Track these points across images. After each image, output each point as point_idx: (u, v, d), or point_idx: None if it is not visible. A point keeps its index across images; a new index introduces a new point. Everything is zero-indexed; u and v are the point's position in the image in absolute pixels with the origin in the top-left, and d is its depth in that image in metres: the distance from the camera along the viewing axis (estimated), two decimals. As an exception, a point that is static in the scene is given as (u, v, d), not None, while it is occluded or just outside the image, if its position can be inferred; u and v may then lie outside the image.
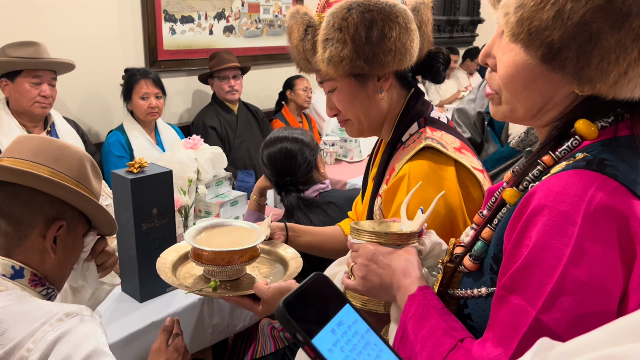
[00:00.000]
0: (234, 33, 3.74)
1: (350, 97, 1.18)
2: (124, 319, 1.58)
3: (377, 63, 1.08)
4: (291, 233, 1.44)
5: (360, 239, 0.90)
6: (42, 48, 2.43)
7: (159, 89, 2.85)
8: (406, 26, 1.07)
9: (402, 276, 0.83)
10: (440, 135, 1.15)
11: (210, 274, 1.22)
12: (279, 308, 0.49)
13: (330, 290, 0.54)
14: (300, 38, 1.15)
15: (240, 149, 3.40)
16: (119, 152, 2.77)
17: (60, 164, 1.05)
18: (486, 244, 0.77)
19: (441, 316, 0.77)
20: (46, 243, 1.04)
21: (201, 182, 2.19)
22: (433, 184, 1.08)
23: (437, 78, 1.23)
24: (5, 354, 0.88)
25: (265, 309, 1.17)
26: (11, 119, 2.44)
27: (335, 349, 0.49)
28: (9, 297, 0.96)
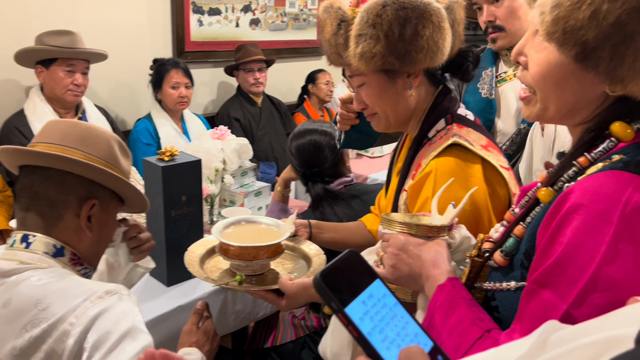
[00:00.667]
0: (259, 26, 3.78)
1: (379, 92, 1.19)
2: (151, 302, 1.63)
3: (409, 60, 1.10)
4: (314, 230, 1.47)
5: (392, 229, 0.93)
6: (77, 38, 2.49)
7: (189, 79, 2.90)
8: (439, 25, 1.09)
9: (432, 267, 0.86)
10: (468, 133, 1.17)
11: (236, 268, 1.26)
12: (316, 278, 0.54)
13: (362, 266, 0.58)
14: (333, 32, 1.16)
15: (263, 141, 3.44)
16: (146, 140, 2.83)
17: (88, 146, 1.09)
18: (518, 241, 0.79)
19: (469, 307, 0.79)
20: (81, 222, 1.08)
21: (227, 172, 2.23)
22: (460, 181, 1.09)
23: (467, 76, 1.25)
24: (49, 327, 0.93)
25: (289, 304, 1.20)
26: (45, 104, 2.51)
27: (366, 318, 0.53)
28: (51, 274, 1.00)
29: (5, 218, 2.38)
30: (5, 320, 0.95)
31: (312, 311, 1.96)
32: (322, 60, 4.08)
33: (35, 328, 0.93)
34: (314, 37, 4.17)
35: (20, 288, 0.97)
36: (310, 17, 4.11)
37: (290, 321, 1.98)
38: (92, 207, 1.09)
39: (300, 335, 1.93)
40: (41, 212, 1.07)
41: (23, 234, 1.05)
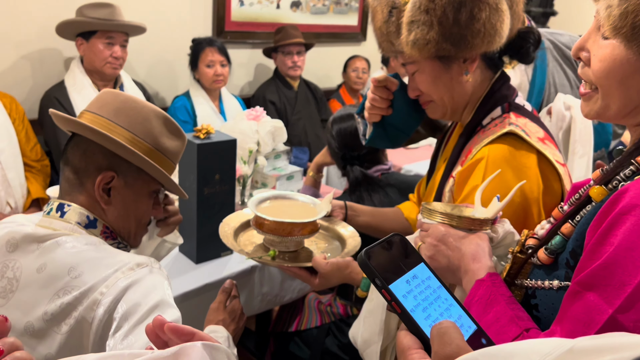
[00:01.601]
0: (300, 9, 3.74)
1: (433, 79, 1.16)
2: (179, 278, 1.64)
3: (465, 45, 1.06)
4: (350, 212, 1.45)
5: (432, 219, 0.90)
6: (116, 10, 2.51)
7: (224, 57, 2.91)
8: (496, 7, 1.04)
9: (471, 260, 0.83)
10: (525, 123, 1.12)
11: (270, 243, 1.25)
12: (360, 256, 0.56)
13: (408, 248, 0.60)
14: (384, 20, 1.13)
15: (297, 125, 3.42)
16: (183, 117, 2.85)
17: (120, 117, 1.06)
18: (564, 239, 0.76)
19: (508, 304, 0.76)
20: (95, 191, 1.05)
21: (261, 153, 2.22)
22: (513, 169, 1.05)
23: (526, 59, 1.20)
24: (80, 294, 0.93)
25: (322, 283, 1.19)
26: (84, 77, 2.54)
27: (409, 297, 0.56)
28: (84, 242, 1.01)
29: (42, 187, 2.43)
30: (39, 285, 0.96)
31: (338, 298, 1.94)
32: (361, 46, 4.04)
33: (67, 295, 0.93)
34: (355, 23, 4.11)
35: (55, 254, 0.98)
36: (352, 1, 4.05)
37: (316, 307, 1.96)
38: (112, 179, 1.06)
39: (326, 322, 1.92)
40: (67, 178, 1.07)
41: (59, 203, 1.06)
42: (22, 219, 1.11)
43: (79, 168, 1.05)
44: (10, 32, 2.57)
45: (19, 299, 0.97)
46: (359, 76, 3.81)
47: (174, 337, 0.48)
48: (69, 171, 1.06)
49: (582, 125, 1.62)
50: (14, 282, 0.98)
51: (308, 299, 2.01)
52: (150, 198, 1.14)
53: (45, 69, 2.72)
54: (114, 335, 0.89)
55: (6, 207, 2.26)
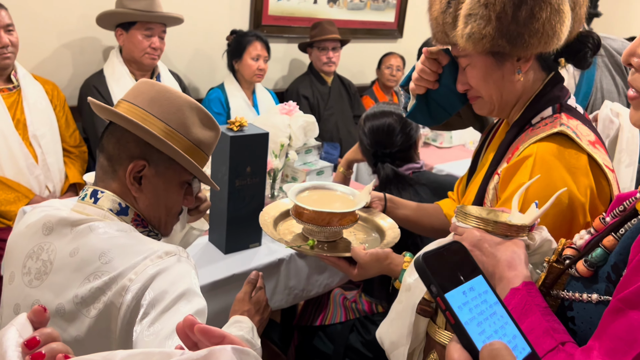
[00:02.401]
0: (337, 4, 3.73)
1: (484, 75, 1.14)
2: (208, 267, 1.66)
3: (521, 44, 1.03)
4: (389, 204, 1.44)
5: (467, 223, 0.88)
6: (155, 2, 2.55)
7: (267, 53, 2.94)
8: (558, 7, 1.01)
9: (507, 268, 0.80)
10: (576, 125, 1.09)
11: (309, 232, 1.27)
12: (418, 259, 0.55)
13: (467, 259, 0.58)
14: (442, 10, 1.11)
15: (329, 121, 3.42)
16: (217, 109, 2.88)
17: (154, 107, 1.07)
18: (606, 252, 0.73)
19: (544, 315, 0.74)
20: (126, 179, 1.07)
21: (292, 148, 2.22)
22: (562, 169, 1.02)
23: (582, 63, 1.16)
24: (109, 280, 0.96)
25: (361, 273, 1.19)
26: (122, 66, 2.60)
27: (464, 308, 0.53)
28: (115, 228, 1.03)
29: (79, 172, 2.50)
30: (72, 269, 0.98)
31: (364, 294, 1.94)
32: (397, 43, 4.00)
33: (97, 279, 0.96)
34: (392, 19, 4.08)
35: (87, 239, 1.00)
36: (390, -2, 4.01)
37: (342, 302, 1.97)
38: (143, 168, 1.07)
39: (350, 318, 1.92)
40: (102, 165, 1.09)
41: (93, 189, 1.08)
42: (58, 204, 1.14)
43: (112, 155, 1.07)
44: (53, 21, 2.64)
45: (52, 281, 0.99)
46: (393, 73, 3.77)
47: (204, 339, 0.48)
48: (104, 158, 1.09)
49: (629, 134, 1.57)
50: (48, 264, 1.01)
51: (333, 294, 2.01)
52: (181, 188, 1.14)
53: (85, 58, 2.79)
54: (141, 322, 0.91)
55: (45, 191, 2.34)
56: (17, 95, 2.28)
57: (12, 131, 2.21)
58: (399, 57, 3.80)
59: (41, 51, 2.65)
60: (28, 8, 2.53)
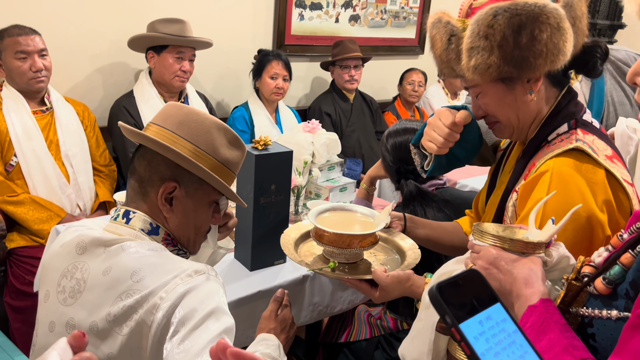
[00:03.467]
0: (359, 22, 3.78)
1: (497, 101, 1.15)
2: (234, 284, 1.68)
3: (527, 66, 1.05)
4: (409, 224, 1.45)
5: (484, 241, 0.89)
6: (187, 26, 2.62)
7: (288, 72, 2.99)
8: (558, 26, 1.02)
9: (524, 285, 0.81)
10: (592, 140, 1.10)
11: (330, 254, 1.28)
12: (432, 290, 0.54)
13: (483, 287, 0.57)
14: (444, 48, 1.13)
15: (352, 137, 3.44)
16: (241, 127, 2.94)
17: (183, 129, 1.10)
18: (624, 270, 0.73)
19: (562, 332, 0.74)
20: (158, 201, 1.10)
21: (315, 165, 2.25)
22: (579, 184, 1.03)
23: (593, 73, 1.17)
24: (141, 298, 0.98)
25: (382, 295, 1.20)
26: (152, 88, 2.67)
27: (481, 339, 0.52)
28: (147, 247, 1.06)
29: (109, 191, 2.56)
30: (105, 288, 1.02)
31: (389, 311, 1.94)
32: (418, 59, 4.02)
33: (129, 298, 0.99)
34: (413, 36, 4.10)
35: (119, 258, 1.03)
36: (411, 15, 4.05)
37: (366, 319, 1.97)
38: (174, 189, 1.10)
39: (375, 335, 1.91)
40: (133, 187, 1.13)
41: (125, 210, 1.12)
42: (91, 224, 1.18)
43: (143, 177, 1.11)
44: (85, 46, 2.74)
45: (85, 299, 1.03)
46: (415, 89, 3.78)
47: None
48: (135, 180, 1.12)
49: None
50: (82, 283, 1.05)
51: (358, 310, 2.01)
52: (210, 207, 1.18)
53: (115, 80, 2.88)
54: (171, 339, 0.94)
55: (76, 209, 2.41)
56: (50, 117, 2.37)
57: (46, 152, 2.29)
58: (420, 73, 3.82)
59: (73, 74, 2.75)
60: (61, 34, 2.63)
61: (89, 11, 2.68)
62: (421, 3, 4.07)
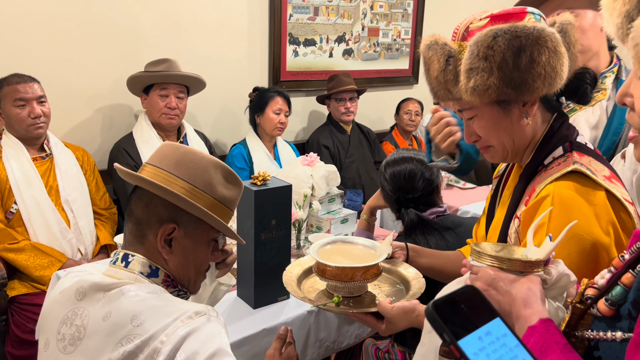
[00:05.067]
0: (352, 56, 3.84)
1: (493, 124, 1.15)
2: (238, 323, 1.66)
3: (526, 89, 1.06)
4: (412, 253, 1.43)
5: (481, 261, 0.87)
6: (173, 64, 2.66)
7: (288, 108, 3.03)
8: (555, 49, 1.04)
9: (523, 306, 0.79)
10: (589, 161, 1.10)
11: (333, 289, 1.26)
12: (428, 308, 0.53)
13: (481, 302, 0.57)
14: (442, 69, 1.13)
15: (351, 168, 3.46)
16: (240, 164, 2.95)
17: (179, 169, 1.10)
18: (626, 290, 0.72)
19: (564, 352, 0.72)
20: (157, 243, 1.09)
21: (315, 198, 2.25)
22: (581, 207, 1.02)
23: (584, 99, 1.18)
24: (141, 343, 0.97)
25: (389, 328, 1.17)
26: (151, 129, 2.70)
27: (481, 355, 0.52)
28: (146, 290, 1.05)
29: (110, 234, 2.55)
30: (105, 333, 1.00)
31: (397, 344, 1.90)
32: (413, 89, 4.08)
33: (129, 343, 0.97)
34: (406, 67, 4.16)
35: (119, 303, 1.02)
36: (403, 46, 4.11)
37: (374, 353, 1.93)
38: (173, 231, 1.09)
39: (384, 369, 1.87)
40: (130, 230, 1.12)
41: (124, 253, 1.11)
42: (90, 268, 1.17)
43: (141, 220, 1.10)
44: (83, 90, 2.78)
45: (86, 346, 1.01)
46: (412, 118, 3.82)
47: None
48: (132, 223, 1.12)
49: None
50: (82, 329, 1.03)
51: (365, 344, 1.98)
52: (209, 246, 1.17)
53: (114, 123, 2.91)
54: (174, 383, 0.92)
55: (77, 254, 2.39)
56: (50, 163, 2.38)
57: (45, 197, 2.30)
58: (416, 102, 3.86)
59: (72, 118, 2.78)
60: (59, 79, 2.67)
61: (86, 56, 2.73)
62: (413, 34, 4.14)
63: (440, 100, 1.20)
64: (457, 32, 1.15)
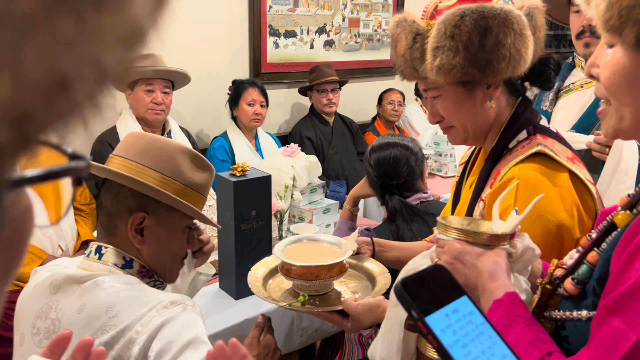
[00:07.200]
0: (333, 47, 3.83)
1: (456, 105, 1.15)
2: (220, 314, 1.66)
3: (490, 70, 1.06)
4: (378, 248, 1.44)
5: (447, 234, 0.87)
6: (158, 59, 2.64)
7: (264, 98, 3.01)
8: (521, 32, 1.04)
9: (489, 279, 0.80)
10: (552, 144, 1.11)
11: (299, 288, 1.26)
12: (397, 285, 0.54)
13: (449, 281, 0.58)
14: (408, 46, 1.13)
15: (334, 159, 3.46)
16: (222, 157, 2.94)
17: (146, 157, 1.09)
18: (591, 268, 0.74)
19: (528, 326, 0.73)
20: (128, 233, 1.09)
21: (296, 188, 2.25)
22: (546, 188, 1.03)
23: (547, 85, 1.19)
24: (117, 334, 0.97)
25: (354, 325, 1.17)
26: (135, 123, 2.67)
27: (448, 331, 0.53)
28: (121, 281, 1.05)
29: (91, 229, 2.53)
30: (80, 326, 1.00)
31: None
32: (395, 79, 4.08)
33: (104, 334, 0.97)
34: (387, 57, 4.17)
35: (94, 294, 1.02)
36: (384, 37, 4.11)
37: (357, 340, 1.94)
38: (143, 220, 1.09)
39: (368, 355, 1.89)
40: (102, 222, 1.12)
41: (97, 245, 1.11)
42: (66, 262, 1.17)
43: (111, 211, 1.10)
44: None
45: None
46: (395, 109, 3.83)
47: None
48: (103, 215, 1.11)
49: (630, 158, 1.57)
50: (57, 322, 1.02)
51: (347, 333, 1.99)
52: (183, 233, 1.17)
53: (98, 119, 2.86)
54: (149, 372, 0.92)
55: (58, 250, 2.37)
56: (28, 159, 2.35)
57: (24, 194, 2.27)
58: (398, 92, 3.87)
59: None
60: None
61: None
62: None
63: (405, 79, 1.20)
64: (426, 10, 1.16)
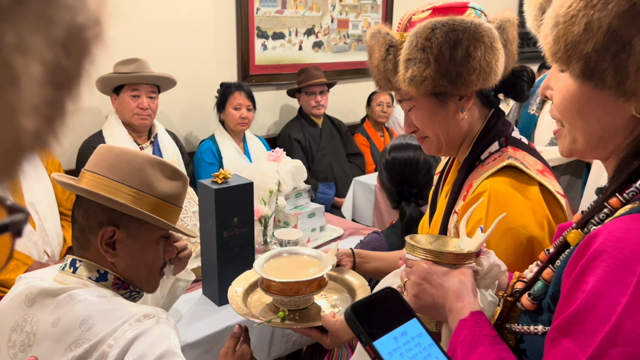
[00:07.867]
0: (322, 48, 3.83)
1: (429, 115, 1.17)
2: (202, 321, 1.67)
3: (461, 82, 1.07)
4: (358, 259, 1.45)
5: (415, 255, 0.89)
6: (143, 64, 2.64)
7: (251, 102, 3.01)
8: (491, 45, 1.06)
9: (455, 299, 0.82)
10: (523, 156, 1.13)
11: (279, 303, 1.26)
12: (347, 311, 0.56)
13: (399, 303, 0.59)
14: (382, 58, 1.15)
15: (323, 161, 3.47)
16: (209, 160, 2.95)
17: (115, 172, 1.10)
18: (546, 285, 0.75)
19: (491, 345, 0.75)
20: (99, 247, 1.10)
21: (281, 193, 2.26)
22: (516, 202, 1.05)
23: (520, 96, 1.21)
24: (90, 347, 0.98)
25: (333, 341, 1.18)
26: (121, 128, 2.67)
27: (395, 354, 0.54)
28: (95, 294, 1.05)
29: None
30: (54, 339, 1.00)
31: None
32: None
33: (78, 348, 0.97)
34: (377, 57, 4.17)
35: (68, 308, 1.02)
36: (374, 37, 4.11)
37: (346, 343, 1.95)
38: (114, 234, 1.09)
39: None
40: (76, 236, 1.13)
41: (72, 259, 1.12)
42: (44, 274, 1.18)
43: (83, 226, 1.11)
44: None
45: (35, 353, 1.01)
46: (384, 110, 3.85)
47: None
48: (76, 229, 1.12)
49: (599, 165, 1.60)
50: (32, 336, 1.03)
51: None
52: (157, 244, 1.17)
53: (80, 123, 2.86)
54: (119, 387, 0.93)
55: (44, 256, 2.37)
56: (13, 165, 2.35)
57: (10, 200, 2.27)
58: (387, 94, 3.88)
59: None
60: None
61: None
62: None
63: (381, 90, 1.22)
64: (401, 22, 1.17)
